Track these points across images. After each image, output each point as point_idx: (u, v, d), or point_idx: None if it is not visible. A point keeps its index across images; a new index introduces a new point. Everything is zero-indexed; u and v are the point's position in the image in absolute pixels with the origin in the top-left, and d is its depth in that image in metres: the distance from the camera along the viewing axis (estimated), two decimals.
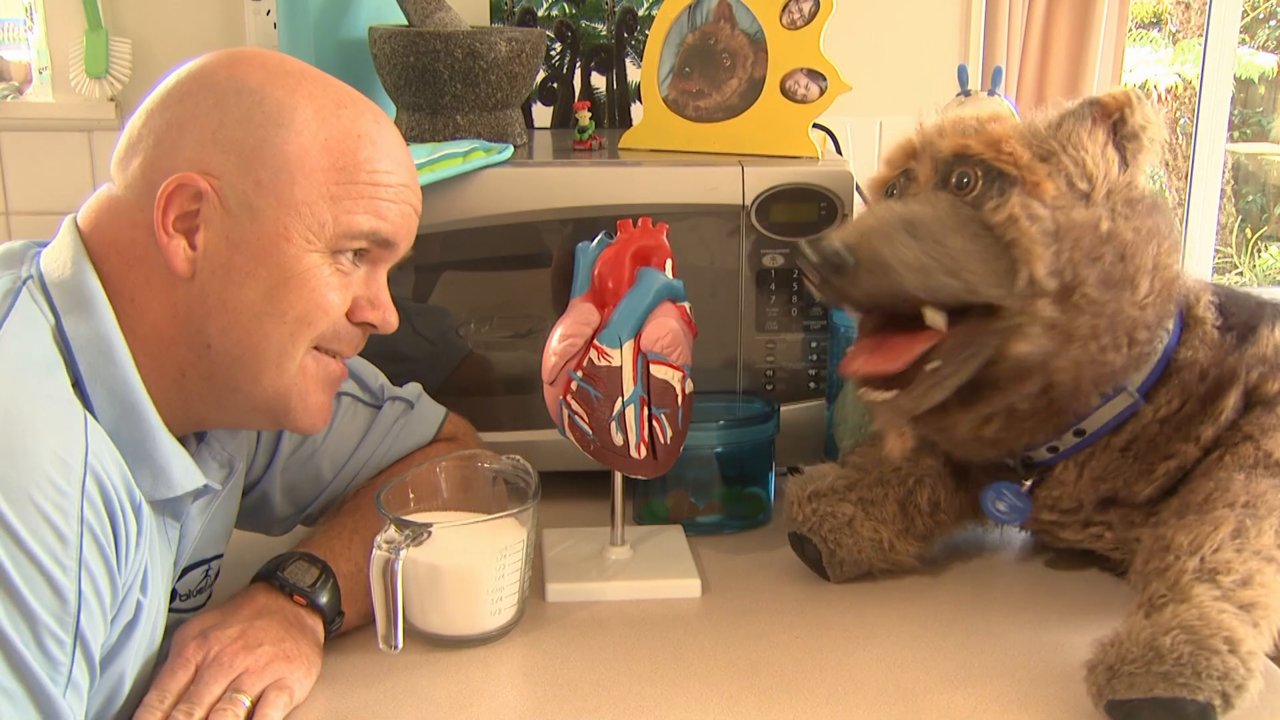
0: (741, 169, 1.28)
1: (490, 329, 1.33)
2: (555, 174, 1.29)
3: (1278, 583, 0.92)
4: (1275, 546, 0.94)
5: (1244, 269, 4.47)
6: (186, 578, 0.99)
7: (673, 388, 1.07)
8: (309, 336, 0.89)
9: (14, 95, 1.85)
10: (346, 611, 1.02)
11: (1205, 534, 0.94)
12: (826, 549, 1.14)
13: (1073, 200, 0.99)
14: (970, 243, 0.97)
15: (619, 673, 1.00)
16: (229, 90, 0.87)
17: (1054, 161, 1.00)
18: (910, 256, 0.95)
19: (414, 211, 0.94)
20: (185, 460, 0.88)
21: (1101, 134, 1.01)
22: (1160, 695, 0.86)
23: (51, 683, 0.74)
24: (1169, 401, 1.06)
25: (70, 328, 0.83)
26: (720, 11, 1.39)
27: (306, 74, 0.90)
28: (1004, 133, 1.01)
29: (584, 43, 1.77)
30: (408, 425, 1.16)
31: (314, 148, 0.87)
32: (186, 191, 0.85)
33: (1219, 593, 0.90)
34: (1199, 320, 1.07)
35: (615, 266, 1.08)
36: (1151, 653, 0.87)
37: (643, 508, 1.29)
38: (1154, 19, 4.53)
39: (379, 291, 0.94)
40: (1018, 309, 0.97)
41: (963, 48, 1.90)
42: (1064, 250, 0.97)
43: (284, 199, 0.86)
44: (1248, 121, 4.51)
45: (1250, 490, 0.98)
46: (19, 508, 0.72)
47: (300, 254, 0.87)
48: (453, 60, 1.34)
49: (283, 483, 1.10)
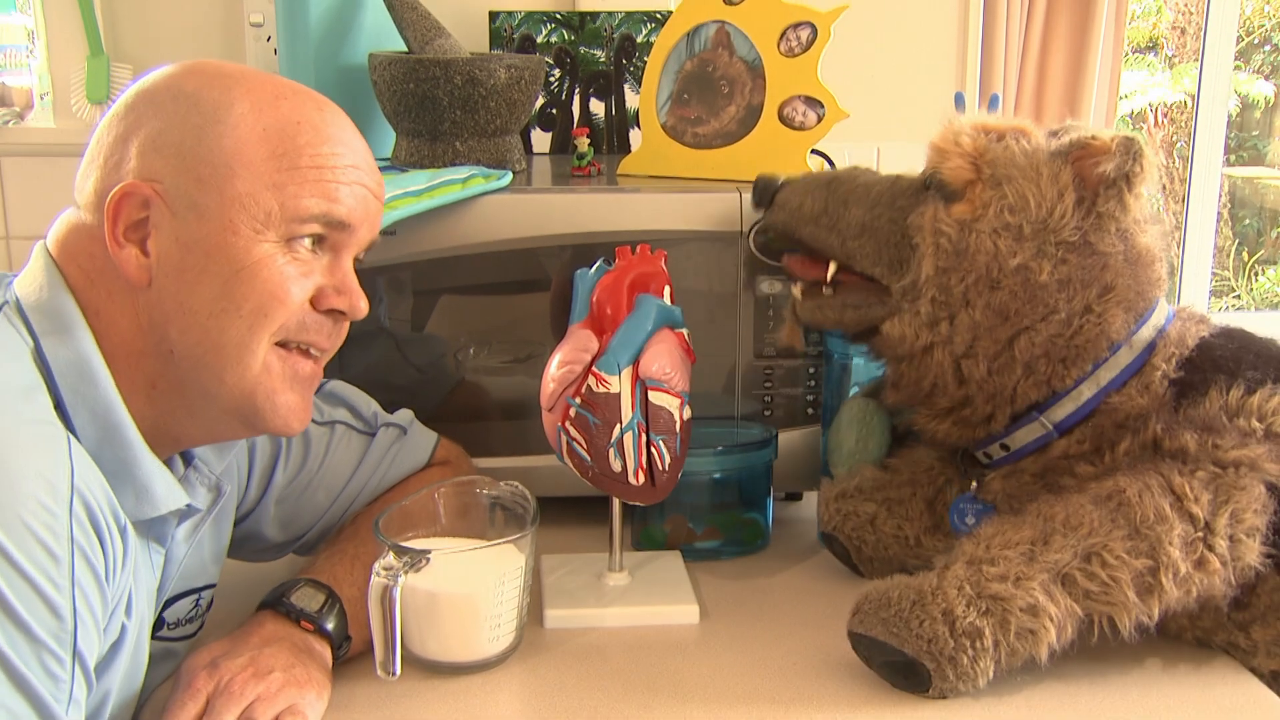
0: (739, 195, 1.29)
1: (488, 354, 1.33)
2: (554, 200, 1.29)
3: (1041, 593, 0.94)
4: (1072, 566, 0.95)
5: (1241, 292, 4.48)
6: (175, 606, 0.99)
7: (671, 414, 1.07)
8: (267, 329, 0.87)
9: (15, 121, 1.85)
10: (353, 637, 1.02)
11: (1003, 531, 0.99)
12: (853, 546, 1.20)
13: (999, 228, 1.02)
14: (875, 221, 1.09)
15: (616, 699, 1.00)
16: (167, 98, 0.87)
17: (999, 190, 1.03)
18: (813, 206, 1.12)
19: (369, 193, 0.93)
20: (168, 478, 0.88)
21: (1067, 174, 1.02)
22: (875, 636, 0.98)
23: (54, 700, 0.74)
24: (1080, 441, 1.06)
25: (49, 350, 0.83)
26: (719, 39, 1.40)
27: (246, 74, 0.90)
28: (972, 149, 1.05)
29: (583, 69, 1.78)
30: (402, 451, 1.16)
31: (251, 138, 0.87)
32: (133, 200, 0.85)
33: (969, 576, 0.96)
34: (1152, 369, 1.05)
35: (614, 293, 1.09)
36: (883, 600, 0.98)
37: (641, 533, 1.29)
38: (1150, 44, 4.56)
39: (344, 277, 0.92)
40: (898, 295, 1.07)
41: (959, 75, 1.91)
42: (962, 269, 1.03)
43: (226, 193, 0.86)
44: (1244, 145, 4.52)
45: (1077, 513, 0.98)
46: (11, 530, 0.72)
47: (249, 245, 0.86)
48: (452, 87, 1.34)
49: (278, 512, 1.10)
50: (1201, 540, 0.96)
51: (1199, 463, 0.99)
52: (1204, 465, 0.99)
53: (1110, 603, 0.95)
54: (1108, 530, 0.96)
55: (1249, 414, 1.01)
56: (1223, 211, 4.31)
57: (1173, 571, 0.95)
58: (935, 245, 1.04)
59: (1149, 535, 0.95)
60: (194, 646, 0.99)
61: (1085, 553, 0.95)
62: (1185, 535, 0.96)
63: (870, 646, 0.99)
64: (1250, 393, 1.02)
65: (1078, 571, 0.95)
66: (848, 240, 1.10)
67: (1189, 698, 1.00)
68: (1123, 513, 0.97)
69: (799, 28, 1.36)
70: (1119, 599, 0.95)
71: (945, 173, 1.05)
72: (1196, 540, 0.96)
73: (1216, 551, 0.96)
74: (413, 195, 1.22)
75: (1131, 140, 1.01)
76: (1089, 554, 0.95)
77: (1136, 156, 1.00)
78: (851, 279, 1.12)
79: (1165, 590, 0.95)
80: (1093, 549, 0.95)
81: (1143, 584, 0.95)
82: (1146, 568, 0.95)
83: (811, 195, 1.13)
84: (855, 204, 1.10)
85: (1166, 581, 0.95)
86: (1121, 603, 0.95)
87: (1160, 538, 0.95)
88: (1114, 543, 0.95)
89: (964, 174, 1.05)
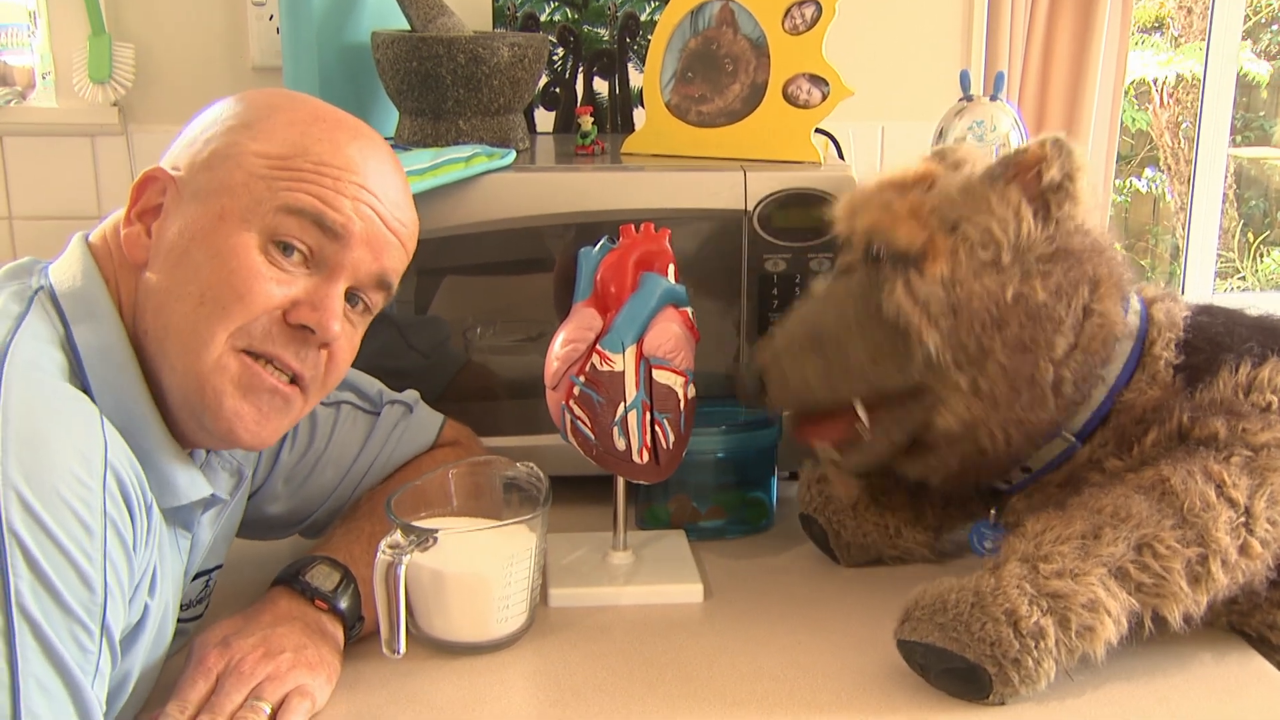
0: (744, 174, 1.28)
1: (493, 334, 1.33)
2: (558, 179, 1.29)
3: (1103, 588, 0.92)
4: (1126, 559, 0.93)
5: (1246, 274, 4.47)
6: (189, 588, 0.99)
7: (675, 393, 1.07)
8: (224, 322, 0.84)
9: (17, 100, 1.84)
10: (366, 616, 1.02)
11: (1053, 527, 0.97)
12: (832, 530, 1.18)
13: (977, 269, 0.99)
14: (871, 338, 1.02)
15: (621, 677, 1.00)
16: (227, 103, 0.91)
17: (959, 232, 1.00)
18: (814, 372, 1.05)
19: (379, 220, 0.90)
20: (189, 470, 0.88)
21: (1014, 193, 1.01)
22: (933, 643, 0.93)
23: (82, 672, 0.74)
24: (1103, 444, 1.06)
25: (80, 337, 0.84)
26: (723, 17, 1.39)
27: (298, 102, 0.92)
28: (909, 208, 1.02)
29: (586, 48, 1.77)
30: (408, 429, 1.16)
31: (272, 142, 0.88)
32: (155, 185, 0.87)
33: (1027, 574, 0.93)
34: (1154, 359, 1.05)
35: (618, 272, 1.08)
36: (938, 603, 0.94)
37: (645, 513, 1.29)
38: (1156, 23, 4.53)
39: (325, 297, 0.88)
40: (932, 385, 1.01)
41: (965, 53, 1.90)
42: (963, 324, 0.99)
43: (226, 182, 0.87)
44: (1250, 125, 4.50)
45: (1124, 504, 0.96)
46: (47, 501, 0.73)
47: (232, 232, 0.85)
48: (455, 65, 1.34)
49: (285, 491, 1.10)
50: (1244, 525, 0.95)
51: (1232, 448, 0.98)
52: (1237, 450, 0.98)
53: (1162, 594, 0.94)
54: (1156, 520, 0.95)
55: (1261, 388, 1.01)
56: (1228, 192, 4.29)
57: (1222, 559, 0.94)
58: (926, 315, 0.99)
59: (1196, 523, 0.94)
60: (201, 626, 1.00)
61: (1137, 544, 0.94)
62: (1230, 521, 0.95)
63: (927, 654, 0.95)
64: (1258, 366, 1.02)
65: (1131, 564, 0.93)
66: (868, 375, 1.04)
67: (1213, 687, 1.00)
68: (1169, 501, 0.96)
69: (803, 5, 1.35)
70: (1171, 590, 0.93)
71: (899, 241, 1.01)
72: (1240, 526, 0.95)
73: (1258, 535, 0.95)
74: (416, 174, 1.22)
75: (1058, 140, 1.01)
76: (1140, 545, 0.94)
77: (1069, 153, 1.00)
78: (878, 405, 1.06)
79: (1214, 578, 0.94)
80: (1144, 540, 0.94)
81: (1193, 573, 0.94)
82: (1197, 556, 0.94)
83: (804, 362, 1.06)
84: (847, 339, 1.04)
85: (1216, 569, 0.94)
86: (1173, 593, 0.93)
87: (1208, 525, 0.94)
88: (1164, 532, 0.94)
89: (917, 234, 1.01)
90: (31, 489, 0.72)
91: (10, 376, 0.76)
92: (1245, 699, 0.98)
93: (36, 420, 0.75)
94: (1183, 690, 0.98)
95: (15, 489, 0.71)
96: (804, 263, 1.30)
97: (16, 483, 0.72)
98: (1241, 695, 0.98)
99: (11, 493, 0.71)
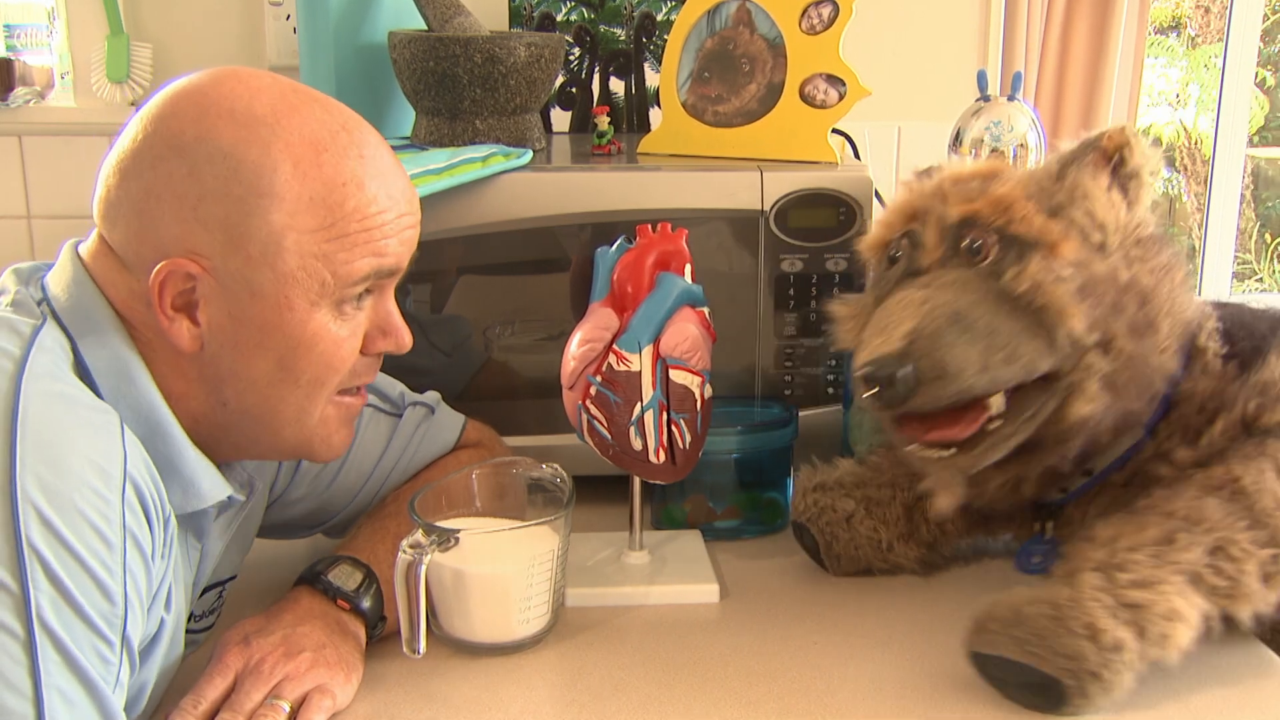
0: (760, 174, 1.28)
1: (510, 334, 1.33)
2: (574, 179, 1.29)
3: (1180, 596, 0.91)
4: (1200, 564, 0.92)
5: (1263, 275, 4.45)
6: (203, 599, 0.99)
7: (692, 393, 1.07)
8: (325, 393, 0.90)
9: (36, 100, 1.85)
10: (388, 617, 1.02)
11: (1126, 533, 0.95)
12: (824, 540, 1.16)
13: (1090, 253, 0.96)
14: (1015, 320, 0.94)
15: (637, 677, 1.00)
16: (202, 157, 0.82)
17: (1065, 215, 0.97)
18: (972, 356, 0.93)
19: (413, 232, 0.92)
20: (212, 471, 0.89)
21: (1105, 177, 0.99)
22: (1009, 656, 0.91)
23: (104, 683, 0.74)
24: (1169, 436, 1.04)
25: (87, 351, 0.83)
26: (739, 16, 1.39)
27: (279, 117, 0.84)
28: (1012, 194, 0.98)
29: (603, 47, 1.77)
30: (430, 430, 1.16)
31: (299, 209, 0.84)
32: (178, 275, 0.83)
33: (1104, 585, 0.91)
34: (1201, 350, 1.04)
35: (634, 271, 1.08)
36: (1014, 616, 0.91)
37: (661, 513, 1.29)
38: (1173, 23, 4.51)
39: (388, 316, 0.92)
40: (1069, 369, 0.95)
41: (981, 53, 1.90)
42: (1093, 306, 0.95)
43: (279, 270, 0.84)
44: (1269, 125, 4.48)
45: (1196, 506, 0.95)
46: (65, 515, 0.73)
47: (306, 318, 0.86)
48: (472, 65, 1.34)
49: (309, 494, 1.10)
50: None
51: None
52: None
53: (1235, 595, 0.92)
54: (1230, 523, 0.94)
55: None
56: (1246, 193, 4.27)
57: None
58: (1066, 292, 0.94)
59: (1269, 523, 0.94)
60: (213, 635, 1.00)
61: (1211, 548, 0.93)
62: None
63: (1004, 668, 0.92)
64: None
65: (1206, 569, 0.92)
66: (1021, 356, 0.94)
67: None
68: (1240, 502, 0.95)
69: (820, 5, 1.35)
70: (1245, 591, 0.92)
71: (1019, 228, 0.96)
72: None
73: None
74: (433, 174, 1.22)
75: (1127, 130, 1.00)
76: (1215, 549, 0.93)
77: (1141, 141, 1.00)
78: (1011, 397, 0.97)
79: None
80: (1219, 544, 0.93)
81: (1266, 573, 0.93)
82: (1270, 556, 0.93)
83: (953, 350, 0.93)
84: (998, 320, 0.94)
85: None
86: (1247, 595, 0.92)
87: None
88: (1238, 534, 0.93)
89: (1036, 218, 0.96)
90: (50, 504, 0.72)
91: (28, 389, 0.76)
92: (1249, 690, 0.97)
93: (54, 433, 0.75)
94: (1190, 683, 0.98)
95: (34, 504, 0.72)
96: (821, 263, 1.30)
97: (35, 498, 0.72)
98: (1244, 684, 0.98)
99: (30, 508, 0.71)
